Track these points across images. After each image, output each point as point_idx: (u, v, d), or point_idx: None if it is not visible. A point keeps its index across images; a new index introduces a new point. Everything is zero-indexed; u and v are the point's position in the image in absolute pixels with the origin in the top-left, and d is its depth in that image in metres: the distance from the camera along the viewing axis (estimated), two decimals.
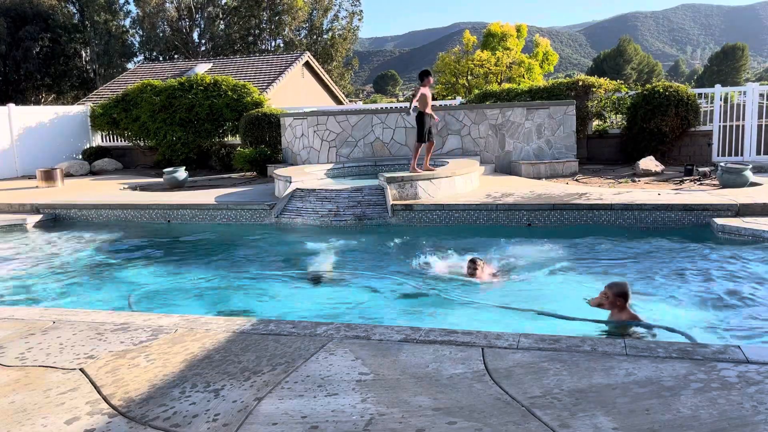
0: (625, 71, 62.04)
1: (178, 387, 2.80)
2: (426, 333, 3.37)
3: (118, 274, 6.41)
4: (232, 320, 3.76)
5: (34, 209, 9.63)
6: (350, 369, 2.92)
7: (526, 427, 2.31)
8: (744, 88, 12.06)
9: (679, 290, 5.03)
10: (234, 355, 3.15)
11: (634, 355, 2.93)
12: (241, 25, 38.40)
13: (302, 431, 2.36)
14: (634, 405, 2.44)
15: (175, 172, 11.76)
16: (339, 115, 12.17)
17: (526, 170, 10.73)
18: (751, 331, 4.16)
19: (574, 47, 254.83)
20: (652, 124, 11.56)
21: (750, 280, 5.19)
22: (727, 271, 5.44)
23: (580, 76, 14.25)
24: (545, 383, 2.68)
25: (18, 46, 31.37)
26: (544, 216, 7.48)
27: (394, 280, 5.65)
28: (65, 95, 35.11)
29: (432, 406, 2.52)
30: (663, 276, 5.41)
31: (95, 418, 2.55)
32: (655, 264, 5.79)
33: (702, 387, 2.58)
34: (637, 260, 5.95)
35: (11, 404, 2.72)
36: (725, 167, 8.62)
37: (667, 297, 4.87)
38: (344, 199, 8.19)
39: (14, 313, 4.11)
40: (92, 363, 3.14)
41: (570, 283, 5.43)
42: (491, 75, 22.58)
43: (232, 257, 6.95)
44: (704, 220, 6.98)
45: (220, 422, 2.45)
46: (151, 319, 3.83)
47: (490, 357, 3.00)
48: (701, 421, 2.30)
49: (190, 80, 15.40)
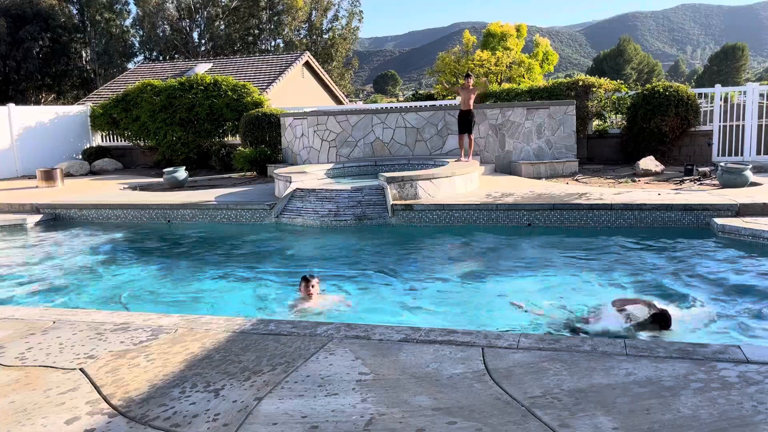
0: (625, 71, 62.09)
1: (178, 387, 2.81)
2: (426, 333, 3.37)
3: (117, 273, 6.41)
4: (232, 320, 3.76)
5: (34, 209, 9.64)
6: (350, 369, 2.93)
7: (526, 427, 2.32)
8: (744, 88, 12.07)
9: (679, 290, 5.03)
10: (234, 355, 3.15)
11: (634, 355, 2.93)
12: (241, 24, 38.42)
13: (302, 431, 2.36)
14: (634, 405, 2.45)
15: (175, 172, 11.77)
16: (339, 115, 12.19)
17: (526, 170, 10.74)
18: (751, 330, 4.16)
19: (574, 47, 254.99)
20: (652, 124, 11.58)
21: (750, 279, 5.19)
22: (726, 271, 5.44)
23: (580, 76, 14.26)
24: (545, 383, 2.68)
25: (18, 46, 31.38)
26: (544, 216, 7.48)
27: (395, 279, 5.66)
28: (65, 95, 35.15)
29: (432, 406, 2.52)
30: (663, 275, 5.41)
31: (95, 418, 2.56)
32: (655, 263, 5.79)
33: (702, 387, 2.59)
34: (637, 260, 5.96)
35: (11, 404, 2.72)
36: (725, 167, 8.62)
37: (667, 296, 4.86)
38: (344, 199, 8.19)
39: (14, 313, 4.11)
40: (92, 363, 3.14)
41: (566, 282, 5.44)
42: (491, 75, 22.58)
43: (231, 257, 6.95)
44: (704, 220, 6.98)
45: (220, 422, 2.46)
46: (151, 319, 3.83)
47: (490, 357, 3.00)
48: (701, 421, 2.31)
49: (190, 80, 15.41)
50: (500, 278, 5.62)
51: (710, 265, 5.67)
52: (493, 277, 5.66)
